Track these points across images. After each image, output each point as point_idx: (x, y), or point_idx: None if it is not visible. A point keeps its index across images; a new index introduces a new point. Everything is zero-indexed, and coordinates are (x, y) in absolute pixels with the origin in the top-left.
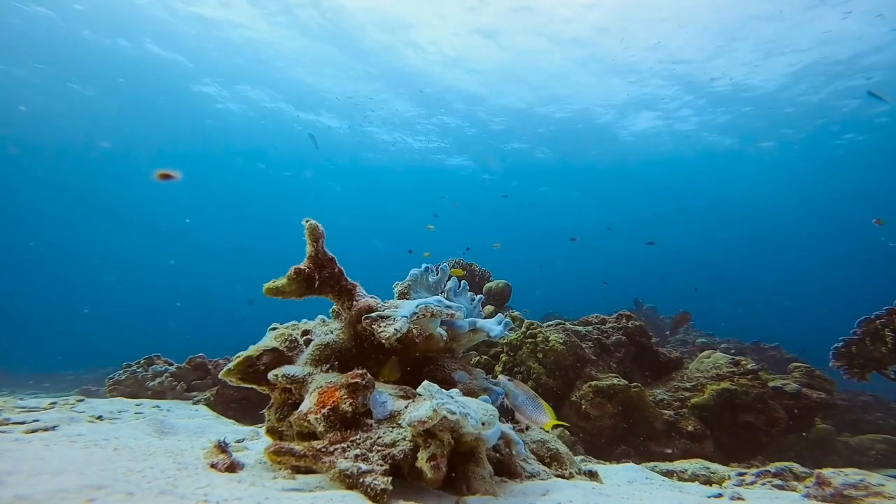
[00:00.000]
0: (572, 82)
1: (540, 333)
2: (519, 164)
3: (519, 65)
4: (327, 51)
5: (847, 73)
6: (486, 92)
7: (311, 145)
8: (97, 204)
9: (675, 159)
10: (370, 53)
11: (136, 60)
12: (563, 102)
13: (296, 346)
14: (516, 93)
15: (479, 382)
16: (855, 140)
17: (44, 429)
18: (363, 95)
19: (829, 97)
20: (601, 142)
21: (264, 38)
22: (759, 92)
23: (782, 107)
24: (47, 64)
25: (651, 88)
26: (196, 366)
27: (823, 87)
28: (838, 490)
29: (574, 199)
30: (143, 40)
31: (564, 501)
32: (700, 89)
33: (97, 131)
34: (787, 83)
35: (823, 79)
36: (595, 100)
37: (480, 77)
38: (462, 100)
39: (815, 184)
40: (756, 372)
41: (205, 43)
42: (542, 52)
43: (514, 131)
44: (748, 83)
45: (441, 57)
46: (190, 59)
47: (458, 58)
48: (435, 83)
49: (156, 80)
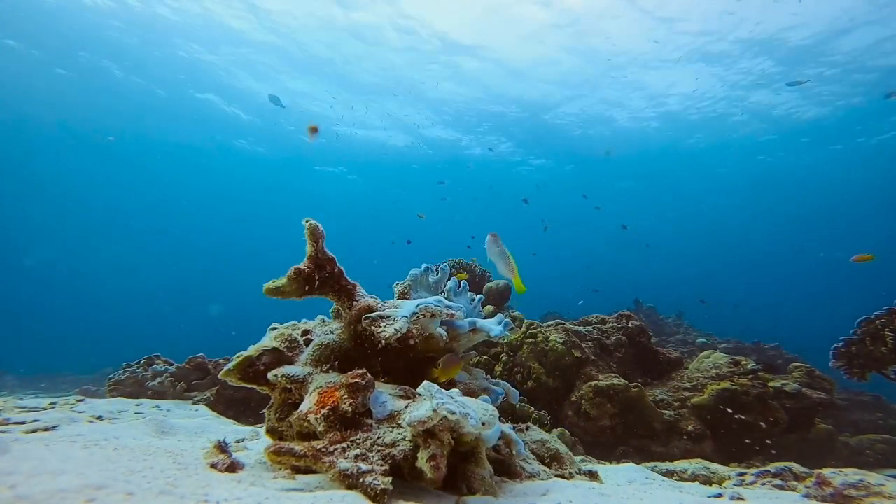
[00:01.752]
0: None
1: (540, 333)
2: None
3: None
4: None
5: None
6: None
7: (278, 106)
8: (97, 204)
9: (670, 152)
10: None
11: (143, 57)
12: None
13: (296, 346)
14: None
15: (479, 382)
16: (863, 139)
17: (44, 429)
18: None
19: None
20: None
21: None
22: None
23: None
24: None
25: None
26: (196, 366)
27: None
28: (838, 490)
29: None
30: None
31: (564, 501)
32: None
33: (96, 130)
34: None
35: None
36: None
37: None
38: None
39: (814, 183)
40: (756, 372)
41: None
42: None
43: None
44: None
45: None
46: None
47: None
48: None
49: (161, 75)
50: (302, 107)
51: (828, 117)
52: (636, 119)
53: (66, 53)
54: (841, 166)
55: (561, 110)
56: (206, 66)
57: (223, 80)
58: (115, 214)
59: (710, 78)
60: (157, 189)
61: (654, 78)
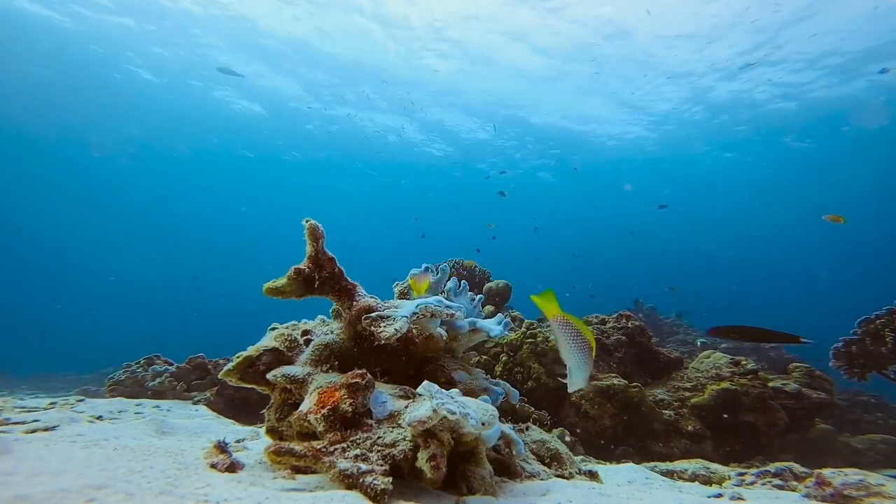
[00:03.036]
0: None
1: (540, 333)
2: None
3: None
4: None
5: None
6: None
7: (232, 76)
8: (97, 203)
9: (671, 157)
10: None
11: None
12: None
13: (296, 346)
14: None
15: (479, 382)
16: (861, 132)
17: (44, 429)
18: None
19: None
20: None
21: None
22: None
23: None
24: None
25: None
26: (196, 366)
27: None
28: (838, 490)
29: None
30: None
31: (564, 501)
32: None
33: (96, 129)
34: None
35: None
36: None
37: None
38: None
39: (815, 183)
40: (756, 372)
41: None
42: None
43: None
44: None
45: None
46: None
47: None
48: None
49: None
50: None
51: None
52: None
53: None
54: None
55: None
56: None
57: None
58: (116, 214)
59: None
60: (158, 190)
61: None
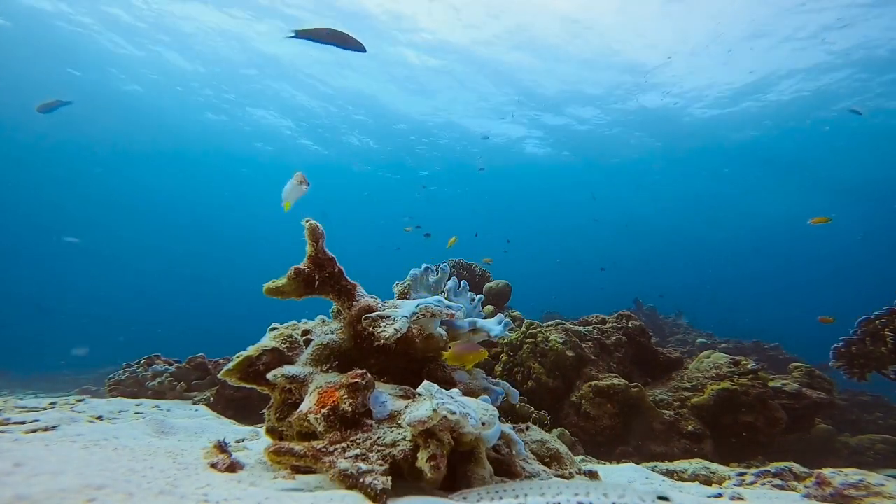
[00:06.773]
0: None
1: (540, 333)
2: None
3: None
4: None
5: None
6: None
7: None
8: (97, 203)
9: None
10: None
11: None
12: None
13: (296, 346)
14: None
15: (479, 382)
16: (855, 127)
17: (44, 429)
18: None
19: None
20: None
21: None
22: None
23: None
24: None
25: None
26: (196, 366)
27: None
28: (838, 490)
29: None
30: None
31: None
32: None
33: (96, 130)
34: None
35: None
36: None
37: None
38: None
39: (814, 182)
40: (756, 372)
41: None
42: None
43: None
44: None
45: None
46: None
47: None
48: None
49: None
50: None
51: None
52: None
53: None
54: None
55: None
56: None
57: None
58: (116, 214)
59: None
60: (159, 189)
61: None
